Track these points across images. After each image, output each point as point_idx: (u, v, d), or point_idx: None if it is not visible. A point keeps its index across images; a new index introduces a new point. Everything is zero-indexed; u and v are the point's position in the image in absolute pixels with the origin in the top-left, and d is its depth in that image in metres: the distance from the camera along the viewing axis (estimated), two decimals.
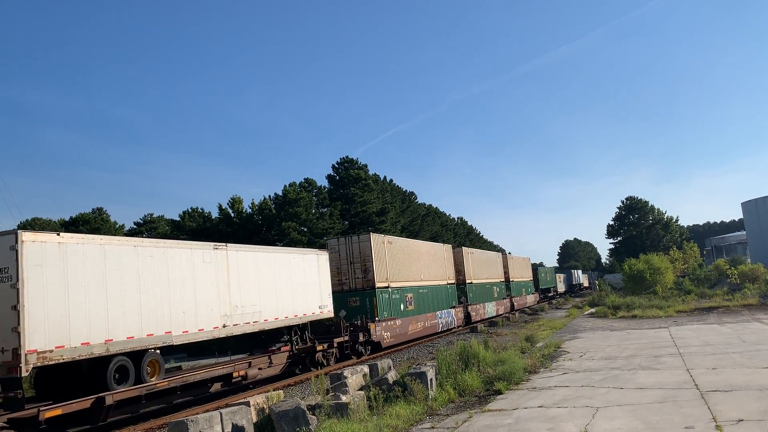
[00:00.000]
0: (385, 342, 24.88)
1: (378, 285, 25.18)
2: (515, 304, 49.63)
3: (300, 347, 20.69)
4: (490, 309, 42.38)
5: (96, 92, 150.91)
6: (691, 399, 10.30)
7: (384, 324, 25.03)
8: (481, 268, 41.90)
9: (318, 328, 22.64)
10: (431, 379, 12.48)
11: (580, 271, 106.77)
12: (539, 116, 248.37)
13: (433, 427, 10.11)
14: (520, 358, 16.02)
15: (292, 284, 20.12)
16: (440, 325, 31.78)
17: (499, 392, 12.48)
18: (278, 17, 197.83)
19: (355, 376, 12.98)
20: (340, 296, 24.69)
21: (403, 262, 28.61)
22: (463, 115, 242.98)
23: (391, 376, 12.77)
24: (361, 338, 23.32)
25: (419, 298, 29.47)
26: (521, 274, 55.94)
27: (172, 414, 14.61)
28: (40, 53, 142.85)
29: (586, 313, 37.58)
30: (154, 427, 13.81)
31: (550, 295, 72.14)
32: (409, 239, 32.31)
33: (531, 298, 57.69)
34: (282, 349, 20.13)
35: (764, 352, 15.18)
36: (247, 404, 10.74)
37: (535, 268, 66.62)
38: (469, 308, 37.41)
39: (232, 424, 9.88)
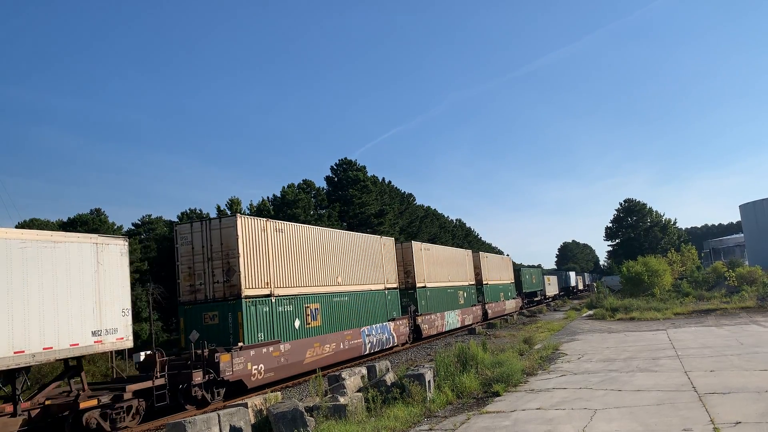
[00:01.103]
0: (253, 379, 16.76)
1: (248, 293, 17.25)
2: (489, 311, 42.30)
3: (40, 402, 12.61)
4: (452, 319, 34.23)
5: (96, 94, 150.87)
6: (689, 401, 10.30)
7: (251, 353, 16.73)
8: (440, 268, 33.86)
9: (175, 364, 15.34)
10: (429, 381, 12.48)
11: (572, 273, 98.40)
12: (538, 118, 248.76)
13: (431, 429, 10.10)
14: (518, 360, 16.02)
15: (37, 294, 12.00)
16: (368, 345, 23.73)
17: (497, 394, 12.47)
18: (278, 20, 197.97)
19: (353, 377, 12.98)
20: (191, 310, 17.72)
21: (304, 259, 20.38)
22: (462, 116, 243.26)
23: (390, 377, 12.77)
24: (196, 379, 14.90)
25: (332, 310, 21.50)
26: (498, 276, 47.85)
27: (170, 416, 14.57)
28: (40, 54, 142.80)
29: (584, 315, 37.59)
30: (151, 429, 13.77)
31: (536, 300, 64.10)
32: (320, 228, 23.05)
33: (511, 304, 49.39)
34: None
35: (762, 354, 15.20)
36: (245, 406, 10.74)
37: (518, 269, 58.79)
38: (420, 319, 29.31)
39: (230, 425, 9.86)
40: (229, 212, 47.99)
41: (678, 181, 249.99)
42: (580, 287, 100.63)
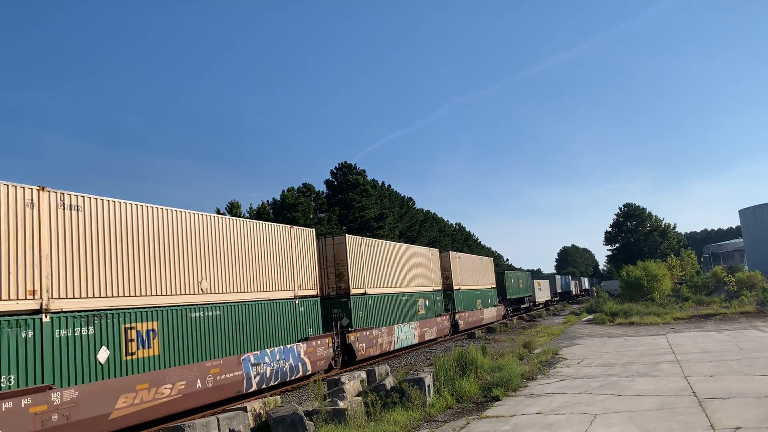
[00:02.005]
0: None
1: None
2: (461, 322, 34.92)
3: None
4: (406, 334, 26.81)
5: (95, 96, 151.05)
6: (689, 406, 10.30)
7: None
8: (390, 270, 26.56)
9: None
10: (429, 385, 12.46)
11: (567, 277, 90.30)
12: (538, 123, 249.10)
13: None
14: (518, 365, 16.01)
15: None
16: (256, 379, 16.24)
17: (496, 399, 12.46)
18: (278, 23, 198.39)
19: (352, 381, 12.96)
20: None
21: (126, 253, 13.05)
22: (462, 121, 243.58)
23: (389, 381, 12.75)
24: None
25: (183, 331, 14.18)
26: (475, 280, 40.15)
27: (169, 420, 14.53)
28: (40, 57, 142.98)
29: (584, 319, 37.56)
30: None
31: (523, 307, 55.73)
32: (156, 206, 14.15)
33: (491, 313, 41.94)
34: None
35: (762, 359, 15.19)
36: (244, 410, 10.72)
37: (501, 272, 51.50)
38: (353, 337, 21.86)
39: (229, 429, 9.85)
40: (229, 216, 47.98)
41: (678, 185, 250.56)
42: (575, 292, 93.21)
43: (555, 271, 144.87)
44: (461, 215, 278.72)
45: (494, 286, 45.52)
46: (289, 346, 18.05)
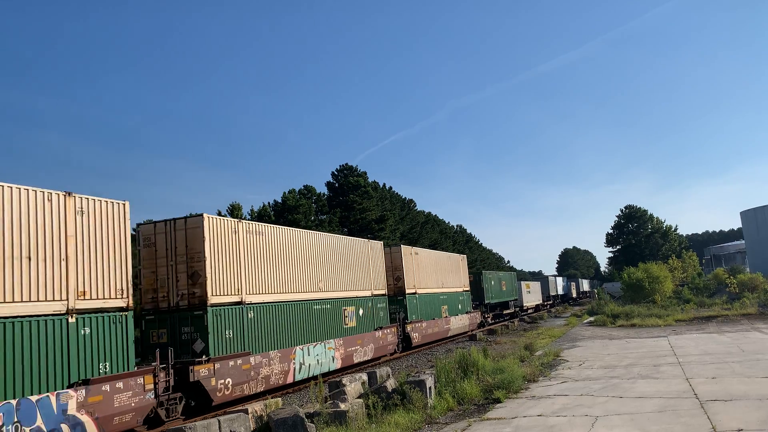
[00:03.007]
0: None
1: None
2: (415, 335, 27.20)
3: None
4: (320, 358, 19.41)
5: (95, 97, 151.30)
6: (691, 408, 10.28)
7: None
8: (287, 268, 18.69)
9: None
10: (430, 388, 12.46)
11: (561, 279, 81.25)
12: (538, 125, 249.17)
13: None
14: (519, 367, 15.99)
15: None
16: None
17: (498, 401, 12.45)
18: (278, 25, 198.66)
19: (353, 383, 12.95)
20: None
21: None
22: (463, 123, 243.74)
23: (390, 384, 12.74)
24: None
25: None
26: (439, 282, 32.38)
27: (169, 422, 14.53)
28: (39, 58, 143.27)
29: (585, 321, 37.52)
30: None
31: (507, 313, 47.94)
32: None
33: (461, 321, 34.50)
34: None
35: (763, 361, 15.16)
36: (246, 412, 10.71)
37: (478, 273, 43.27)
38: (204, 371, 14.33)
39: (230, 431, 9.85)
40: (230, 218, 47.89)
41: (679, 187, 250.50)
42: (572, 294, 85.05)
43: (556, 273, 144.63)
44: (462, 217, 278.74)
45: (467, 288, 37.42)
46: (45, 396, 10.25)
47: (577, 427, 9.58)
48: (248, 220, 27.70)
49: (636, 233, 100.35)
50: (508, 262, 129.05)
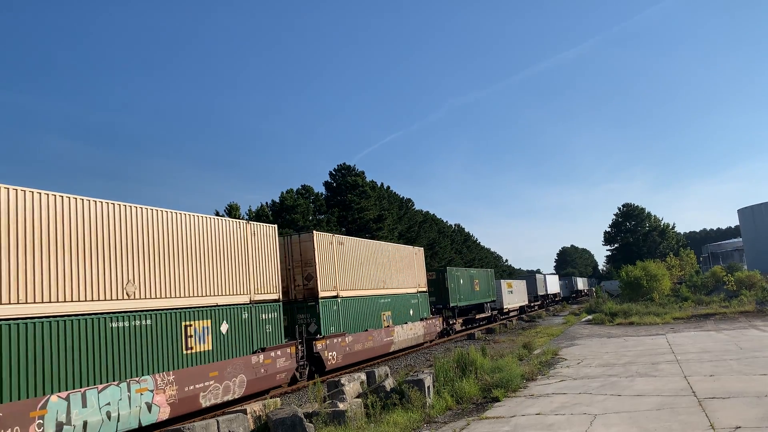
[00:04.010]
0: None
1: None
2: (331, 355, 20.12)
3: None
4: (118, 407, 11.60)
5: (92, 99, 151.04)
6: (689, 406, 10.30)
7: None
8: (105, 264, 12.08)
9: None
10: (429, 387, 12.46)
11: (552, 277, 72.48)
12: (536, 124, 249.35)
13: None
14: (518, 366, 16.00)
15: None
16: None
17: (496, 399, 12.46)
18: (276, 25, 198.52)
19: (352, 383, 12.95)
20: None
21: None
22: (461, 122, 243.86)
23: (389, 383, 12.74)
24: None
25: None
26: (382, 281, 25.31)
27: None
28: (36, 59, 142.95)
29: (584, 320, 37.57)
30: None
31: (482, 317, 40.92)
32: None
33: (414, 331, 27.67)
34: None
35: (761, 359, 15.20)
36: (244, 412, 10.71)
37: (441, 270, 35.54)
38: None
39: (229, 431, 9.84)
40: (227, 217, 47.82)
41: (676, 185, 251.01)
42: (565, 294, 78.86)
43: (554, 272, 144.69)
44: (460, 216, 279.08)
45: (424, 289, 30.31)
46: None
47: (576, 425, 9.59)
48: (247, 220, 28.85)
49: (634, 231, 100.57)
50: (507, 261, 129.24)
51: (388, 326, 24.88)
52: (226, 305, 15.63)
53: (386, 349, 24.61)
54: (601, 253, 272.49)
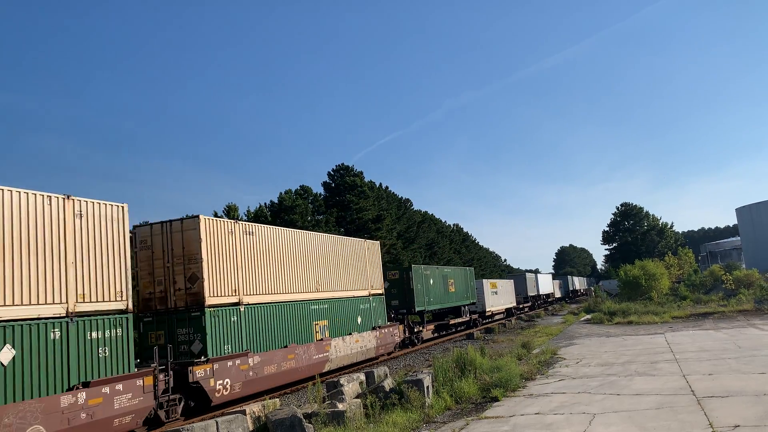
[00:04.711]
0: None
1: None
2: (222, 385, 14.92)
3: None
4: None
5: (89, 99, 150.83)
6: (688, 405, 10.31)
7: None
8: None
9: None
10: (428, 387, 12.45)
11: (544, 276, 67.98)
12: (534, 123, 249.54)
13: None
14: (517, 365, 16.00)
15: None
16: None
17: (495, 399, 12.46)
18: (273, 25, 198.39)
19: (351, 383, 12.95)
20: None
21: None
22: (459, 121, 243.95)
23: (388, 383, 12.74)
24: None
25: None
26: (318, 282, 20.63)
27: (168, 423, 14.51)
28: (31, 59, 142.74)
29: (582, 319, 37.59)
30: None
31: (457, 322, 35.55)
32: None
33: (362, 343, 22.72)
34: None
35: (760, 357, 15.22)
36: (243, 413, 10.69)
37: (405, 269, 30.53)
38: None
39: None
40: (226, 218, 47.78)
41: (674, 184, 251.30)
42: (560, 294, 74.69)
43: (553, 271, 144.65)
44: (459, 216, 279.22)
45: (380, 291, 25.53)
46: None
47: (575, 424, 9.59)
48: (245, 220, 26.52)
49: (632, 231, 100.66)
50: (505, 260, 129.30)
51: (321, 339, 19.84)
52: (13, 321, 10.38)
53: (318, 369, 19.00)
54: (599, 253, 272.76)
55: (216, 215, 48.45)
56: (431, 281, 32.12)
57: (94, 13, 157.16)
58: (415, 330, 29.58)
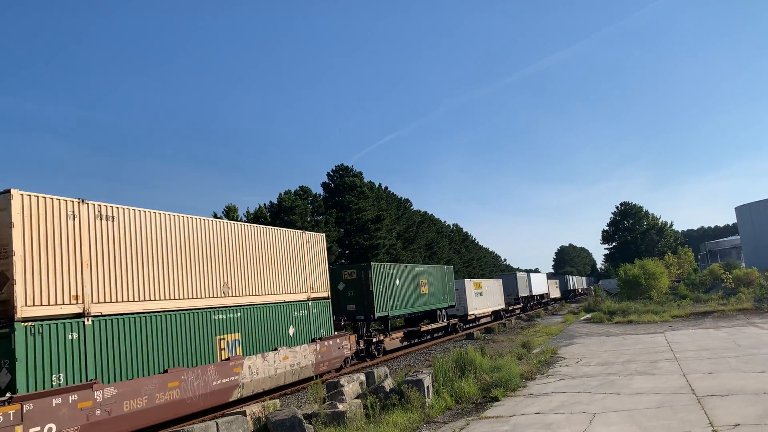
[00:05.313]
0: None
1: None
2: None
3: None
4: None
5: (89, 100, 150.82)
6: (688, 404, 10.31)
7: None
8: None
9: None
10: (428, 387, 12.46)
11: (538, 276, 64.77)
12: (534, 123, 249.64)
13: None
14: (517, 365, 16.01)
15: None
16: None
17: (496, 399, 12.46)
18: (274, 27, 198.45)
19: (351, 384, 12.96)
20: None
21: None
22: (458, 122, 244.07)
23: (388, 383, 12.75)
24: None
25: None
26: (244, 284, 16.45)
27: (169, 426, 14.50)
28: (32, 60, 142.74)
29: (582, 318, 37.61)
30: None
31: (430, 329, 30.81)
32: None
33: (294, 360, 17.71)
34: None
35: (760, 356, 15.23)
36: (244, 414, 10.70)
37: (363, 268, 25.29)
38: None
39: None
40: (226, 219, 47.79)
41: (673, 183, 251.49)
42: (555, 295, 70.86)
43: (553, 271, 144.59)
44: (458, 216, 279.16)
45: (326, 294, 20.71)
46: None
47: (575, 424, 9.60)
48: (244, 221, 24.97)
49: (632, 230, 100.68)
50: (505, 260, 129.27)
51: (228, 359, 15.10)
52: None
53: (221, 398, 14.63)
54: (599, 252, 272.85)
55: (215, 216, 48.40)
56: (397, 281, 27.40)
57: (93, 14, 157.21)
58: (374, 340, 24.88)
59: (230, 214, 48.47)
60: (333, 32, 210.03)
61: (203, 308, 14.78)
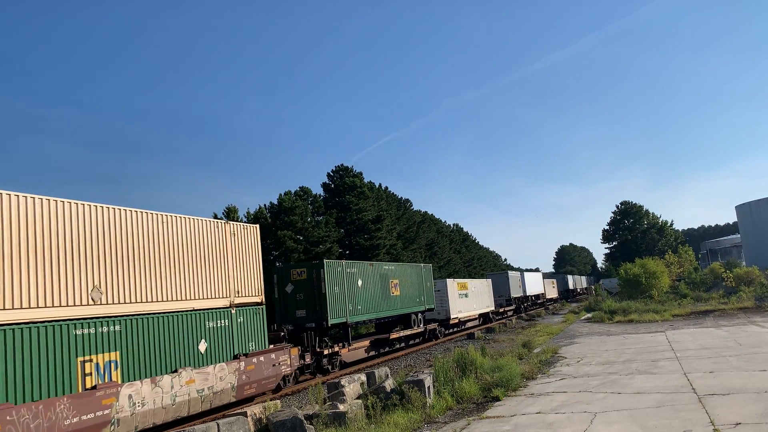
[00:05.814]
0: None
1: None
2: None
3: None
4: None
5: (89, 102, 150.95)
6: (689, 403, 10.31)
7: None
8: None
9: None
10: (429, 387, 12.46)
11: (533, 275, 60.47)
12: (534, 122, 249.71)
13: None
14: (518, 365, 16.01)
15: None
16: None
17: (497, 399, 12.46)
18: (272, 26, 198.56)
19: (352, 384, 12.95)
20: None
21: None
22: (458, 121, 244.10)
23: (389, 384, 12.75)
24: None
25: None
26: (130, 287, 12.63)
27: (169, 428, 14.50)
28: (33, 62, 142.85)
29: (583, 318, 37.61)
30: None
31: (403, 336, 27.03)
32: None
33: (205, 383, 13.78)
34: None
35: (761, 354, 15.23)
36: (245, 415, 10.71)
37: (315, 266, 21.49)
38: None
39: None
40: (226, 220, 47.63)
41: (674, 182, 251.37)
42: (552, 294, 67.97)
43: (554, 270, 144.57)
44: (459, 215, 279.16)
45: (258, 300, 17.08)
46: None
47: (576, 423, 9.60)
48: (245, 222, 22.10)
49: (632, 229, 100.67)
50: (506, 260, 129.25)
51: (95, 387, 11.31)
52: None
53: None
54: (599, 251, 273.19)
55: (216, 217, 48.48)
56: (359, 282, 23.53)
57: (94, 15, 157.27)
58: (325, 352, 20.94)
59: (230, 214, 48.49)
60: (333, 33, 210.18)
61: (56, 320, 10.84)
